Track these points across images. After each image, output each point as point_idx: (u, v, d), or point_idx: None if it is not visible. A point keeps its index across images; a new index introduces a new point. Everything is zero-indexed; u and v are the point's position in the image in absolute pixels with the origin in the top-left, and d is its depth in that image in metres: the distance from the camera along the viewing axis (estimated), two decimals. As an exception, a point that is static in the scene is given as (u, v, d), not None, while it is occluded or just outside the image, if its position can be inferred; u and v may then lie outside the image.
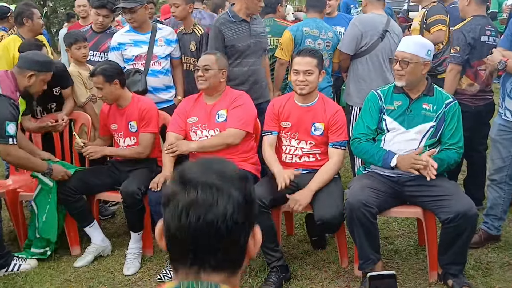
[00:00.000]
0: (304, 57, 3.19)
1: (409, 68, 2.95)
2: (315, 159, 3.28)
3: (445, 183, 2.95)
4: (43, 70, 3.25)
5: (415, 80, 2.99)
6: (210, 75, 3.31)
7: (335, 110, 3.27)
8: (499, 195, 3.36)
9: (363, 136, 3.11)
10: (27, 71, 3.18)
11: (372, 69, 3.98)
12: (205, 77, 3.32)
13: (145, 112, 3.53)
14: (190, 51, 4.10)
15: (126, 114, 3.54)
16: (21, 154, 3.19)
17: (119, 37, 4.03)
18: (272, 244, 3.12)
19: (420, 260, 3.33)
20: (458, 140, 2.98)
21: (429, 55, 2.98)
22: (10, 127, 3.01)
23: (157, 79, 3.99)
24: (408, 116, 3.03)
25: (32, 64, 3.20)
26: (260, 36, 3.95)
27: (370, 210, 2.85)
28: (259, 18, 4.08)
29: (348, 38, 4.02)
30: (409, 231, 3.75)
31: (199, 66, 3.33)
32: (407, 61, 2.93)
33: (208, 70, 3.30)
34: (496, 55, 3.12)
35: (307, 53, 3.22)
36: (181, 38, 4.13)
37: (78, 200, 3.44)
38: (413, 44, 2.98)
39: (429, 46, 2.99)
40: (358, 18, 4.09)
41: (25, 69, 3.19)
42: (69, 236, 3.59)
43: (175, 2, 3.99)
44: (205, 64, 3.31)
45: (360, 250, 2.96)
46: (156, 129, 3.59)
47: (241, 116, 3.32)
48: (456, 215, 2.73)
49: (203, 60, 3.36)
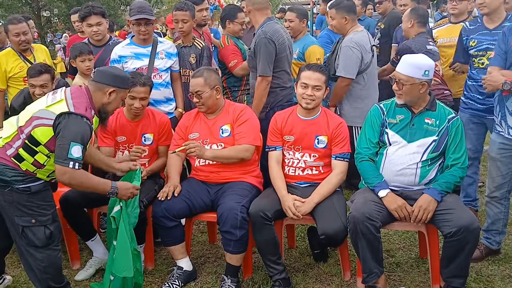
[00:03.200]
0: (315, 72, 3.22)
1: (405, 89, 3.00)
2: (318, 172, 3.30)
3: (447, 197, 2.97)
4: (124, 86, 3.00)
5: (414, 98, 3.04)
6: (205, 98, 3.32)
7: (338, 122, 3.30)
8: (500, 211, 3.38)
9: (366, 151, 3.15)
10: (107, 86, 2.90)
11: (369, 85, 4.13)
12: (201, 102, 3.34)
13: (166, 125, 3.61)
14: (190, 63, 4.12)
15: (141, 126, 3.54)
16: (78, 175, 2.74)
17: (120, 50, 4.04)
18: (275, 256, 3.14)
19: (422, 273, 3.35)
20: (462, 154, 3.02)
21: (427, 75, 2.97)
22: (74, 149, 2.66)
23: (158, 91, 4.00)
24: (410, 129, 3.06)
25: (112, 80, 2.92)
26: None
27: (373, 223, 2.86)
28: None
29: (351, 62, 4.02)
30: (410, 244, 3.77)
31: (192, 93, 3.33)
32: (403, 82, 2.99)
33: (201, 95, 3.31)
34: (497, 75, 3.07)
35: (318, 69, 3.25)
36: (179, 51, 4.15)
37: (81, 214, 3.41)
38: (409, 66, 2.99)
39: (426, 67, 2.97)
40: (352, 40, 4.03)
41: (105, 84, 2.90)
42: (69, 251, 3.56)
43: (184, 18, 4.02)
44: (196, 90, 3.30)
45: (363, 263, 2.97)
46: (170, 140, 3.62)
47: (251, 132, 3.35)
48: (459, 229, 2.75)
49: (193, 85, 3.33)
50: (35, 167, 2.74)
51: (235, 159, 3.32)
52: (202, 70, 3.39)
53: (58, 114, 2.69)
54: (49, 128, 2.70)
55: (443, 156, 3.07)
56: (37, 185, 2.76)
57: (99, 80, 2.92)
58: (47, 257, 2.80)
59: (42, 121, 2.70)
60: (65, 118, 2.69)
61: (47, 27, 21.74)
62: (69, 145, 2.66)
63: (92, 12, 4.19)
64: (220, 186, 3.33)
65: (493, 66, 3.17)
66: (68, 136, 2.67)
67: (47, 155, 2.75)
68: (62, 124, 2.68)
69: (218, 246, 3.82)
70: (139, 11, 3.91)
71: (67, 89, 2.89)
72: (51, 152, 2.74)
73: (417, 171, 3.04)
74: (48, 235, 2.78)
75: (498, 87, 3.05)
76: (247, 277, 3.34)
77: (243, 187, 3.28)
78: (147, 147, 3.55)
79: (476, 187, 4.10)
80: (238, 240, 3.06)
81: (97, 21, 4.23)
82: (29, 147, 2.71)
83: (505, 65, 3.13)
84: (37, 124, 2.70)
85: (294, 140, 3.30)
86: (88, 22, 4.21)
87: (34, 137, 2.71)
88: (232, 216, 3.03)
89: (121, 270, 2.93)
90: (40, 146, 2.72)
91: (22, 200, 2.72)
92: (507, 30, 3.19)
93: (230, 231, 3.05)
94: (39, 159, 2.74)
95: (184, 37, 4.14)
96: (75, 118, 2.71)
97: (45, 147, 2.72)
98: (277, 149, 3.36)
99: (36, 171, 2.75)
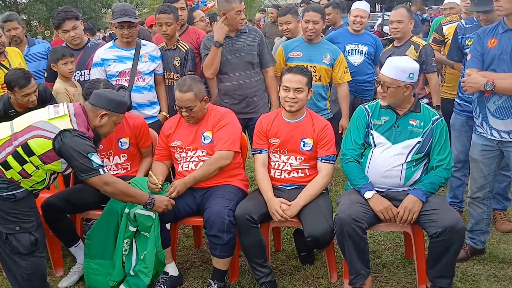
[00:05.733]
0: (295, 75, 3.21)
1: (389, 92, 3.01)
2: (304, 174, 3.29)
3: (432, 197, 2.99)
4: (117, 111, 2.96)
5: (397, 101, 3.06)
6: (196, 111, 3.31)
7: (323, 125, 3.30)
8: (483, 211, 3.41)
9: (351, 152, 3.16)
10: (100, 109, 2.89)
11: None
12: (191, 115, 3.32)
13: (141, 127, 3.58)
14: (174, 66, 4.08)
15: (115, 132, 3.48)
16: (119, 184, 2.87)
17: (102, 53, 4.00)
18: (261, 259, 3.12)
19: (408, 274, 3.37)
20: (446, 155, 3.04)
21: (411, 78, 2.98)
22: (94, 157, 2.73)
23: (142, 95, 3.97)
24: (395, 131, 3.08)
25: (106, 103, 2.90)
26: (244, 50, 3.96)
27: (360, 225, 2.87)
28: (252, 32, 4.07)
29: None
30: (395, 245, 3.78)
31: (182, 107, 3.29)
32: (387, 85, 3.00)
33: (193, 109, 3.28)
34: (477, 77, 3.07)
35: (298, 71, 3.24)
36: (163, 54, 4.11)
37: (64, 220, 3.35)
38: (394, 69, 2.99)
39: (410, 70, 2.98)
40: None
41: (98, 107, 2.89)
42: (52, 258, 3.50)
43: (168, 21, 3.96)
44: (188, 105, 3.26)
45: (350, 265, 2.97)
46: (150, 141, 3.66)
47: (227, 137, 3.32)
48: (444, 229, 2.77)
49: (183, 101, 3.25)
50: (21, 176, 2.70)
51: (216, 170, 3.30)
52: (189, 83, 3.29)
53: (62, 130, 2.68)
54: (48, 141, 2.67)
55: (427, 157, 3.09)
56: (22, 192, 2.72)
57: (93, 102, 2.92)
58: (31, 264, 2.75)
59: (43, 132, 2.67)
60: (68, 136, 2.69)
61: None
62: (89, 158, 2.71)
63: (66, 18, 4.05)
64: (206, 190, 3.31)
65: (472, 68, 3.17)
66: (82, 150, 2.71)
67: (37, 166, 2.71)
68: (67, 141, 2.67)
69: (204, 250, 3.79)
70: (122, 13, 3.88)
71: (70, 105, 2.88)
72: (44, 163, 2.71)
73: (402, 172, 3.05)
74: (33, 241, 2.73)
75: (479, 88, 3.06)
76: (233, 281, 3.32)
77: (230, 190, 3.26)
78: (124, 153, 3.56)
79: (464, 189, 4.12)
80: (225, 244, 3.04)
81: (72, 25, 4.07)
82: (20, 155, 2.67)
83: (483, 67, 3.14)
84: (36, 135, 2.67)
85: (279, 143, 3.29)
86: (64, 28, 4.07)
87: (30, 147, 2.66)
88: (219, 220, 3.01)
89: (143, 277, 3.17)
90: (34, 157, 2.68)
91: (6, 208, 2.68)
92: (481, 32, 3.20)
93: (217, 235, 3.02)
94: (28, 169, 2.70)
95: (168, 40, 4.09)
96: (80, 135, 2.74)
97: (39, 158, 2.69)
98: (262, 152, 3.35)
99: (20, 180, 2.71)
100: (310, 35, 4.14)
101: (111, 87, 3.50)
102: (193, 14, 5.51)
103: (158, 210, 3.05)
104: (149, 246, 3.13)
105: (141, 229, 3.17)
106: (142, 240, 3.19)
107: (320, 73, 4.15)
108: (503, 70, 3.03)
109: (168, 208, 3.09)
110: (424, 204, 2.93)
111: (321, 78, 4.17)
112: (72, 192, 3.49)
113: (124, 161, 3.57)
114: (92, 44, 4.28)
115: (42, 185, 2.84)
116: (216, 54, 3.87)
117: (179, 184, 3.23)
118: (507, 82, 2.98)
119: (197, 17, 5.45)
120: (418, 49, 4.22)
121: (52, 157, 2.71)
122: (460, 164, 3.94)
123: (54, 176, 2.89)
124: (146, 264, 3.14)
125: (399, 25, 4.27)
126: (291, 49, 4.22)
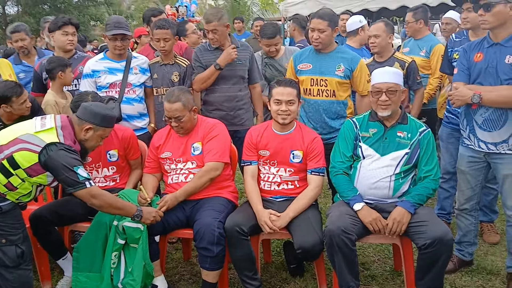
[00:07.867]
0: (286, 88, 3.24)
1: (395, 97, 3.07)
2: (294, 186, 3.31)
3: (420, 209, 3.01)
4: (103, 125, 2.92)
5: (397, 107, 3.12)
6: (185, 122, 3.33)
7: (312, 137, 3.32)
8: (470, 222, 3.44)
9: (340, 165, 3.19)
10: (85, 123, 2.86)
11: None
12: (181, 126, 3.33)
13: (130, 139, 3.57)
14: (172, 82, 4.03)
15: (104, 144, 3.47)
16: (106, 196, 2.85)
17: (93, 64, 4.00)
18: (251, 272, 3.12)
19: (397, 285, 3.38)
20: (434, 166, 3.08)
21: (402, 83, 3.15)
22: (80, 171, 2.70)
23: (132, 106, 3.97)
24: (383, 143, 3.11)
25: (91, 117, 2.87)
26: (236, 64, 3.98)
27: (349, 236, 2.88)
28: (244, 48, 4.10)
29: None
30: (384, 256, 3.80)
31: (171, 118, 3.31)
32: (393, 90, 3.05)
33: (181, 120, 3.30)
34: (464, 90, 3.12)
35: (288, 84, 3.28)
36: (159, 69, 4.07)
37: (52, 232, 3.32)
38: (393, 74, 3.11)
39: (401, 74, 3.17)
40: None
41: (83, 120, 2.86)
42: (39, 270, 3.45)
43: (166, 37, 3.95)
44: (176, 115, 3.28)
45: (339, 277, 2.98)
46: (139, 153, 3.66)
47: (217, 148, 3.33)
48: (433, 240, 2.78)
49: (171, 111, 3.28)
50: (7, 189, 2.68)
51: (207, 182, 3.31)
52: (177, 93, 3.32)
53: (48, 143, 2.66)
54: (34, 154, 2.65)
55: (415, 168, 3.13)
56: (8, 204, 2.69)
57: (79, 115, 2.90)
58: (18, 277, 2.72)
59: (28, 146, 2.66)
60: (53, 150, 2.67)
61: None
62: (74, 171, 2.69)
63: (70, 22, 4.22)
64: (196, 202, 3.30)
65: (458, 82, 3.22)
66: (68, 164, 2.69)
67: (23, 179, 2.70)
68: (53, 155, 2.65)
69: (193, 263, 3.77)
70: (116, 26, 3.91)
71: (57, 117, 2.86)
72: (29, 176, 2.69)
73: (391, 184, 3.08)
74: (19, 254, 2.71)
75: (467, 101, 3.11)
76: (223, 294, 3.30)
77: (219, 202, 3.26)
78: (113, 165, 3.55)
79: (452, 201, 4.15)
80: (215, 256, 3.03)
81: (73, 31, 4.25)
82: (6, 168, 2.65)
83: (469, 81, 3.19)
84: (21, 148, 2.65)
85: (269, 155, 3.31)
86: (65, 30, 4.19)
87: (15, 160, 2.65)
88: (209, 232, 3.00)
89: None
90: (19, 170, 2.66)
91: None
92: (467, 47, 3.26)
93: (207, 247, 3.01)
94: (13, 181, 2.68)
95: (165, 55, 4.07)
96: (66, 148, 2.71)
97: (24, 171, 2.67)
98: (252, 164, 3.36)
99: (6, 193, 2.69)
100: (317, 44, 3.74)
101: (100, 99, 3.51)
102: (186, 26, 5.55)
103: (146, 222, 3.04)
104: (137, 258, 3.11)
105: (129, 241, 3.15)
106: (131, 253, 3.17)
107: (331, 87, 3.71)
108: (489, 83, 3.08)
109: (156, 219, 3.07)
110: (413, 216, 2.95)
111: (335, 93, 3.72)
112: (60, 204, 3.46)
113: (113, 173, 3.56)
114: (78, 56, 4.34)
115: (29, 198, 2.82)
116: (213, 74, 3.92)
117: (170, 199, 3.23)
118: (494, 94, 3.03)
119: (190, 29, 5.49)
120: (405, 66, 4.27)
121: (38, 170, 2.69)
122: (448, 175, 3.97)
123: (40, 189, 2.87)
124: (133, 276, 3.11)
125: (376, 40, 4.32)
126: (300, 60, 3.87)
